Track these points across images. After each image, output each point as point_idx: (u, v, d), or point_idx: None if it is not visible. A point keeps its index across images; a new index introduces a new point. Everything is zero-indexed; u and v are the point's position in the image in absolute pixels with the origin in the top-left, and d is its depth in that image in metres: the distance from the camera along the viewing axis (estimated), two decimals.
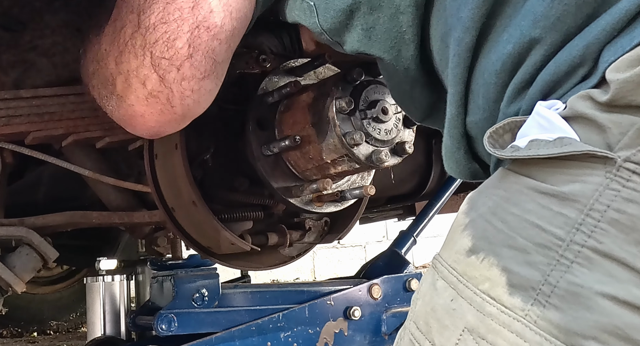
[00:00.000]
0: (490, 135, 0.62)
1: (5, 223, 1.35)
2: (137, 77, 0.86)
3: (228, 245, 1.29)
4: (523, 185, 0.57)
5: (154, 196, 1.35)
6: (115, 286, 1.91)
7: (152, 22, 0.83)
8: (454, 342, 0.57)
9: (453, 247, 0.62)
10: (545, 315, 0.53)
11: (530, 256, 0.54)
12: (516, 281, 0.55)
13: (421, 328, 0.62)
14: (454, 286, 0.59)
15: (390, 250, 1.93)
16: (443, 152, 0.77)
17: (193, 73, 0.84)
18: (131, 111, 0.90)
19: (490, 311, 0.55)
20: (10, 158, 1.40)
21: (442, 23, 0.73)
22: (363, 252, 6.06)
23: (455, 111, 0.71)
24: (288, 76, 1.27)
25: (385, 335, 1.70)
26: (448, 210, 2.67)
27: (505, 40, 0.64)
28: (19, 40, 1.32)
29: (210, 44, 0.83)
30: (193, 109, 0.90)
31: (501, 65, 0.64)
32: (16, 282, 1.29)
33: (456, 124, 0.72)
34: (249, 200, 1.34)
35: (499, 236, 0.57)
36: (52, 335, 3.38)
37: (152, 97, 0.86)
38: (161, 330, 1.46)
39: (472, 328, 0.56)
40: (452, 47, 0.70)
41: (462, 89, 0.70)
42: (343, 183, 1.32)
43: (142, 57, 0.84)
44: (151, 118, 0.90)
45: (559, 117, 0.57)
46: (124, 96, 0.89)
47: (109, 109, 0.94)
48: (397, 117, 1.16)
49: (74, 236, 1.87)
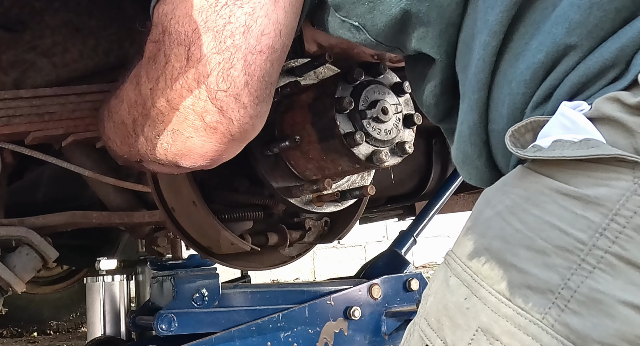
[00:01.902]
0: (511, 134, 0.61)
1: (5, 223, 1.35)
2: (194, 111, 0.83)
3: (228, 245, 1.29)
4: (544, 186, 0.56)
5: (154, 196, 1.35)
6: (115, 286, 1.91)
7: (204, 53, 0.79)
8: (467, 341, 0.56)
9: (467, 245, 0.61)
10: (563, 319, 0.52)
11: (549, 258, 0.53)
12: (534, 283, 0.54)
13: (432, 325, 0.61)
14: (468, 284, 0.58)
15: (390, 250, 1.93)
16: (460, 158, 0.75)
17: (251, 100, 0.82)
18: (190, 143, 0.87)
19: (505, 312, 0.55)
20: (10, 158, 1.40)
21: (469, 26, 0.71)
22: (363, 252, 6.06)
23: (477, 117, 0.69)
24: (288, 76, 1.27)
25: (385, 335, 1.70)
26: (448, 210, 2.67)
27: (535, 48, 0.63)
28: (19, 40, 1.32)
29: (264, 67, 0.81)
30: (250, 134, 0.89)
31: (532, 74, 0.63)
32: (16, 282, 1.29)
33: (478, 131, 0.70)
34: (249, 200, 1.34)
35: (516, 236, 0.56)
36: (52, 335, 3.38)
37: (211, 128, 0.84)
38: (161, 330, 1.46)
39: (486, 328, 0.55)
40: (477, 51, 0.68)
41: (485, 96, 0.68)
42: (343, 183, 1.32)
43: (197, 91, 0.81)
44: (211, 148, 0.87)
45: (584, 118, 0.56)
46: (180, 129, 0.86)
47: (162, 149, 0.90)
48: (397, 117, 1.16)
49: (74, 236, 1.87)
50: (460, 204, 2.75)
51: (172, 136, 0.87)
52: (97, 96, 1.35)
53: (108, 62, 1.38)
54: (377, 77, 1.17)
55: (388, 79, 1.19)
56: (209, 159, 0.90)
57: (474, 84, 0.69)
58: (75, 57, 1.35)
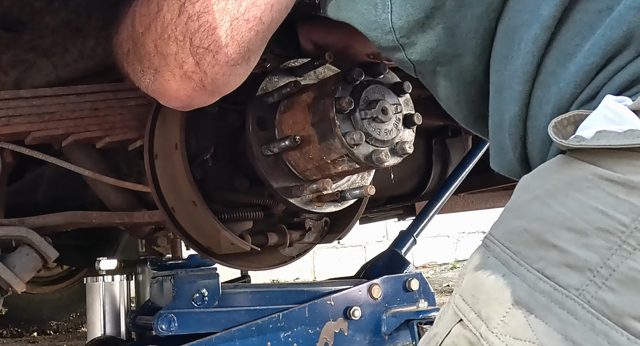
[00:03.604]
0: (554, 125, 0.63)
1: (5, 223, 1.35)
2: (175, 60, 0.92)
3: (228, 245, 1.29)
4: (588, 172, 0.58)
5: (154, 196, 1.35)
6: (115, 286, 1.91)
7: (196, 10, 0.87)
8: (501, 314, 0.59)
9: (506, 227, 0.64)
10: (600, 296, 0.54)
11: (589, 239, 0.56)
12: (573, 262, 0.56)
13: (467, 300, 0.63)
14: (506, 263, 0.61)
15: (390, 250, 1.93)
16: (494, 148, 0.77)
17: (226, 60, 0.90)
18: (166, 85, 0.97)
19: (542, 288, 0.57)
20: (10, 158, 1.40)
21: (513, 17, 0.72)
22: (363, 252, 6.06)
23: (517, 110, 0.71)
24: (288, 76, 1.27)
25: (385, 335, 1.70)
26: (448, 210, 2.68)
27: (587, 50, 0.64)
28: (19, 40, 1.32)
29: (247, 35, 0.88)
30: (222, 89, 0.98)
31: (583, 76, 0.64)
32: (16, 282, 1.29)
33: (517, 124, 0.71)
34: (249, 200, 1.34)
35: (557, 218, 0.58)
36: (52, 335, 3.38)
37: (186, 77, 0.93)
38: (161, 330, 1.46)
39: (522, 302, 0.58)
40: (526, 44, 0.69)
41: (529, 89, 0.70)
42: (343, 183, 1.32)
43: (182, 43, 0.90)
44: (184, 93, 0.97)
45: (629, 110, 0.58)
46: (161, 72, 0.96)
47: (145, 83, 1.01)
48: (397, 117, 1.16)
49: (74, 236, 1.87)
50: (460, 204, 2.75)
51: (154, 75, 0.98)
52: (97, 96, 1.35)
53: (108, 62, 1.38)
54: (377, 77, 1.17)
55: (388, 79, 1.19)
56: (181, 102, 1.01)
57: (520, 76, 0.70)
58: (75, 57, 1.35)
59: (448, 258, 6.71)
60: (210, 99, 1.02)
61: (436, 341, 0.66)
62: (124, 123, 1.37)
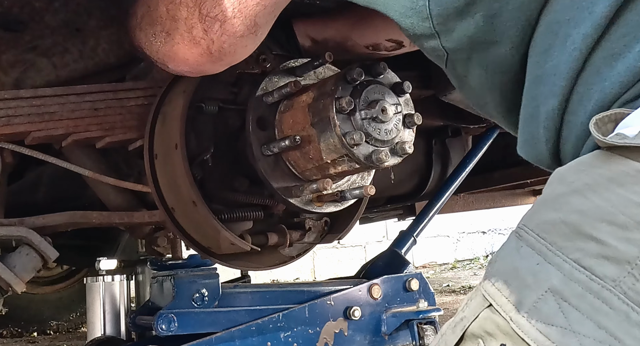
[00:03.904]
0: (595, 122, 0.64)
1: (5, 223, 1.35)
2: (185, 24, 0.98)
3: (228, 245, 1.29)
4: (631, 168, 0.60)
5: (154, 196, 1.35)
6: (115, 286, 1.91)
7: None
8: (534, 299, 0.60)
9: (541, 218, 0.65)
10: (637, 288, 0.55)
11: (629, 232, 0.57)
12: (611, 254, 0.57)
13: (497, 286, 0.64)
14: (541, 253, 0.62)
15: (390, 250, 1.93)
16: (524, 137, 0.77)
17: (233, 31, 0.95)
18: (176, 48, 1.02)
19: (578, 277, 0.58)
20: (10, 158, 1.40)
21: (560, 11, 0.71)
22: (363, 252, 6.06)
23: (557, 104, 0.71)
24: (288, 76, 1.27)
25: (385, 335, 1.70)
26: (448, 210, 2.68)
27: (638, 52, 0.65)
28: (19, 40, 1.32)
29: (254, 9, 0.92)
30: (229, 58, 1.02)
31: (630, 77, 0.65)
32: (16, 282, 1.29)
33: (554, 117, 0.72)
34: (249, 200, 1.34)
35: (597, 211, 0.60)
36: (52, 335, 3.38)
37: (195, 41, 0.98)
38: (161, 330, 1.46)
39: (556, 290, 0.59)
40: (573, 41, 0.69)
41: (572, 85, 0.70)
42: (343, 183, 1.32)
43: (192, 9, 0.95)
44: (192, 58, 1.02)
45: None
46: (171, 34, 1.02)
47: (156, 46, 1.06)
48: (397, 118, 1.16)
49: (74, 236, 1.87)
50: (460, 204, 2.76)
51: (165, 38, 1.03)
52: (97, 96, 1.35)
53: (108, 62, 1.38)
54: (377, 77, 1.17)
55: (388, 79, 1.19)
56: (189, 67, 1.06)
57: (564, 72, 0.70)
58: (75, 57, 1.35)
59: (448, 258, 6.71)
60: (218, 67, 1.06)
61: (463, 326, 0.66)
62: (124, 123, 1.37)
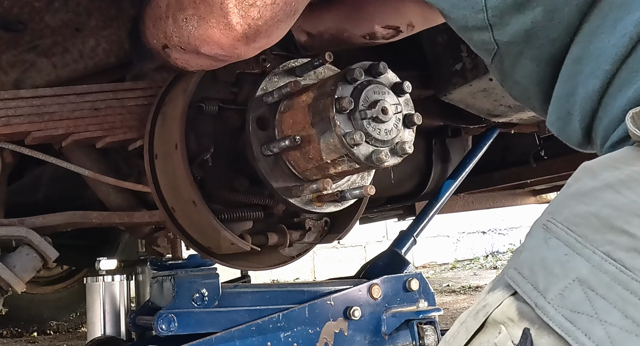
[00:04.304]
0: (632, 116, 0.64)
1: (5, 223, 1.35)
2: (220, 9, 0.99)
3: (228, 245, 1.29)
4: None
5: (154, 196, 1.35)
6: (115, 286, 1.91)
7: None
8: (560, 288, 0.60)
9: (571, 211, 0.65)
10: None
11: None
12: None
13: (523, 273, 0.64)
14: (570, 245, 0.62)
15: (390, 250, 1.93)
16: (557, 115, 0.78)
17: (271, 16, 0.97)
18: (210, 32, 1.03)
19: (607, 268, 0.59)
20: (10, 158, 1.40)
21: None
22: (363, 252, 6.06)
23: (598, 86, 0.71)
24: (288, 75, 1.27)
25: (385, 334, 1.70)
26: (448, 210, 2.68)
27: None
28: (19, 40, 1.32)
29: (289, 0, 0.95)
30: (263, 43, 1.04)
31: None
32: (16, 282, 1.29)
33: (593, 98, 0.72)
34: (249, 200, 1.34)
35: (631, 206, 0.60)
36: (52, 335, 3.38)
37: (230, 26, 1.00)
38: (161, 330, 1.46)
39: (583, 279, 0.59)
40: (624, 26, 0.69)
41: (615, 69, 0.70)
42: (343, 183, 1.32)
43: None
44: (226, 42, 1.03)
45: None
46: (206, 18, 1.02)
47: (187, 30, 1.07)
48: (397, 117, 1.16)
49: (74, 236, 1.87)
50: (460, 204, 2.76)
51: (198, 22, 1.04)
52: (97, 96, 1.35)
53: (108, 62, 1.38)
54: (377, 77, 1.17)
55: (388, 79, 1.19)
56: (223, 50, 1.06)
57: (610, 56, 0.70)
58: (75, 57, 1.35)
59: (448, 258, 6.72)
60: (252, 51, 1.07)
61: (485, 312, 0.66)
62: (124, 123, 1.37)
